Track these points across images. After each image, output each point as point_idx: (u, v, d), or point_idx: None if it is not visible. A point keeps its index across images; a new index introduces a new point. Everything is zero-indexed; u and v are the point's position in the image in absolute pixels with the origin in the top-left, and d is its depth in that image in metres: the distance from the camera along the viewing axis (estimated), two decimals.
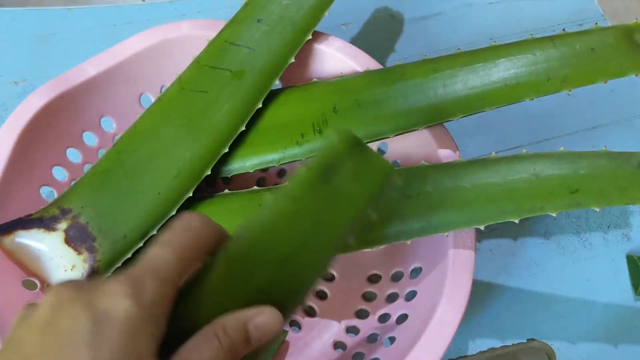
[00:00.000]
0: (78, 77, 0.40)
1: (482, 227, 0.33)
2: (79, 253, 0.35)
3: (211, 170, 0.38)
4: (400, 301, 0.40)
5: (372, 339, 0.40)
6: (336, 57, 0.42)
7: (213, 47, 0.40)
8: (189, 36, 0.42)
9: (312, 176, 0.24)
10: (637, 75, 0.35)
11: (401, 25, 0.63)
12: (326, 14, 0.41)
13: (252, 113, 0.39)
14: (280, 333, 0.22)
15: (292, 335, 0.43)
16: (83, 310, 0.19)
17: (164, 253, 0.22)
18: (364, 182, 0.24)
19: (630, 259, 0.50)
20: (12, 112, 0.38)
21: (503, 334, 0.45)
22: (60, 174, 0.42)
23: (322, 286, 0.45)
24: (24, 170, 0.38)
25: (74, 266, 0.35)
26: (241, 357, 0.21)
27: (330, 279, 0.45)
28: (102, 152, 0.44)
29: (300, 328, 0.44)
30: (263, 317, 0.21)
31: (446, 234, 0.34)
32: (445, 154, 0.38)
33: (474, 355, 0.41)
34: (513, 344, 0.41)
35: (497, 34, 0.62)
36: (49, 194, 0.41)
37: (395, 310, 0.40)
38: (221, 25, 0.41)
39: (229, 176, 0.40)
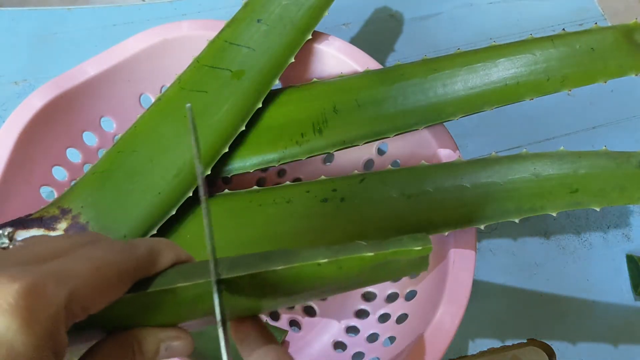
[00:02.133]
0: (78, 77, 0.40)
1: (482, 227, 0.33)
2: None
3: (211, 170, 0.38)
4: (400, 301, 0.40)
5: (372, 338, 0.40)
6: (336, 57, 0.42)
7: (213, 47, 0.40)
8: (189, 36, 0.42)
9: None
10: (637, 75, 0.35)
11: (401, 25, 0.63)
12: (326, 14, 0.41)
13: (252, 113, 0.39)
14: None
15: (292, 335, 0.43)
16: None
17: (80, 264, 0.17)
18: None
19: (630, 259, 0.50)
20: (12, 112, 0.38)
21: (503, 334, 0.45)
22: (60, 174, 0.42)
23: None
24: (24, 170, 0.38)
25: None
26: None
27: None
28: (102, 152, 0.44)
29: (300, 328, 0.44)
30: (179, 342, 0.21)
31: (446, 233, 0.34)
32: (445, 154, 0.38)
33: (474, 355, 0.41)
34: (513, 344, 0.41)
35: (497, 34, 0.62)
36: (49, 194, 0.41)
37: (395, 310, 0.40)
38: (221, 25, 0.41)
39: (229, 176, 0.40)
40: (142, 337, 0.20)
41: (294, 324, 0.44)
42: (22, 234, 0.35)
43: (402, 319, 0.38)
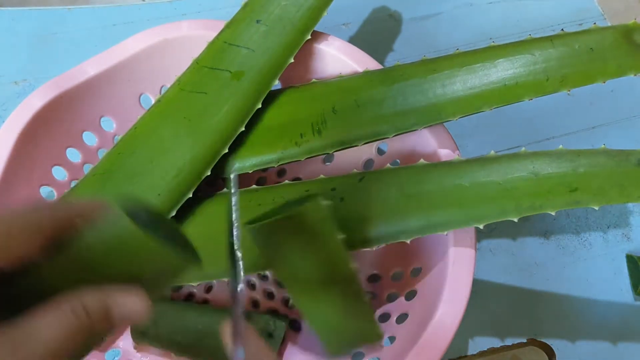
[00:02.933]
0: (78, 77, 0.40)
1: (481, 226, 0.33)
2: None
3: (211, 171, 0.38)
4: (400, 301, 0.40)
5: None
6: (336, 57, 0.42)
7: (212, 48, 0.40)
8: (189, 36, 0.42)
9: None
10: (636, 75, 0.35)
11: (401, 25, 0.63)
12: (325, 14, 0.41)
13: (252, 113, 0.39)
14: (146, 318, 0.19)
15: (292, 334, 0.43)
16: None
17: None
18: None
19: (630, 259, 0.50)
20: (12, 112, 0.38)
21: (503, 334, 0.45)
22: (60, 174, 0.42)
23: None
24: (24, 170, 0.38)
25: None
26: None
27: None
28: (102, 152, 0.44)
29: (300, 328, 0.44)
30: (129, 299, 0.19)
31: (446, 233, 0.34)
32: (445, 154, 0.38)
33: (474, 355, 0.41)
34: (513, 344, 0.41)
35: (496, 34, 0.62)
36: (49, 194, 0.41)
37: (395, 310, 0.40)
38: (221, 25, 0.41)
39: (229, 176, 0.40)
40: (83, 296, 0.18)
41: (294, 323, 0.44)
42: None
43: (402, 318, 0.38)
